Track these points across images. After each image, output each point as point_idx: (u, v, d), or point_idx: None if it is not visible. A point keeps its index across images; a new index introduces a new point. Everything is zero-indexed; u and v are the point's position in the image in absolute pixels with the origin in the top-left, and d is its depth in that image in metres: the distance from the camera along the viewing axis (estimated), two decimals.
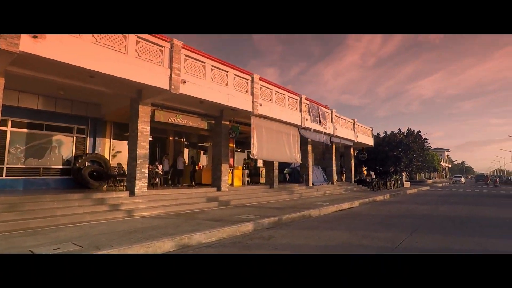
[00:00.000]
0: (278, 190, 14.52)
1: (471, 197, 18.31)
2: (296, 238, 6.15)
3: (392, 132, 29.25)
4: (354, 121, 20.41)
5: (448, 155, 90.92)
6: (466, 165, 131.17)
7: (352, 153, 23.80)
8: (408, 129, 29.20)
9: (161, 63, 8.46)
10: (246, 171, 15.34)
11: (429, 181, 42.33)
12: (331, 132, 17.30)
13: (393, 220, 8.60)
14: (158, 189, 10.50)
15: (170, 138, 15.29)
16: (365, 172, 29.50)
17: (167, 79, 8.55)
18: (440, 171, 64.76)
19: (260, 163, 17.55)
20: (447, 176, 75.61)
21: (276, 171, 14.91)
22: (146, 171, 9.52)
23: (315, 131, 15.94)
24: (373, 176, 23.63)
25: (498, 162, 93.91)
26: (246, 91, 11.61)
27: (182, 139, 15.92)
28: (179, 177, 13.57)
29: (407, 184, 29.17)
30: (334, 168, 20.60)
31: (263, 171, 16.12)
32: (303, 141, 17.58)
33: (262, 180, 16.35)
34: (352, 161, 23.71)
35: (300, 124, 14.47)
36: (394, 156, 26.51)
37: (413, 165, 27.61)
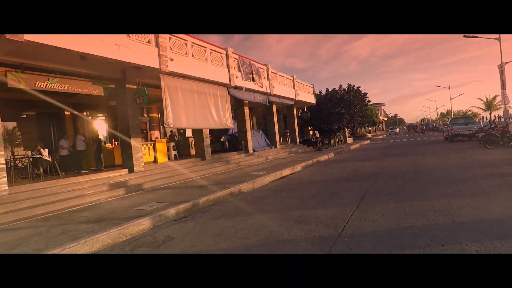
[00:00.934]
0: (211, 162, 12.47)
1: (408, 146, 18.46)
2: (203, 237, 4.20)
3: (334, 89, 28.62)
4: (293, 78, 18.73)
5: (384, 110, 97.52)
6: (398, 117, 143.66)
7: (295, 113, 22.52)
8: (349, 85, 28.81)
9: None
10: (172, 144, 12.87)
11: (370, 135, 44.23)
12: (268, 91, 15.40)
13: (336, 187, 7.19)
14: (32, 182, 7.64)
15: (67, 113, 11.92)
16: (311, 132, 28.98)
17: None
18: (378, 124, 68.95)
19: (189, 133, 15.15)
20: (384, 129, 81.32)
21: (207, 140, 12.74)
22: (1, 160, 6.59)
23: (249, 90, 13.86)
24: (318, 135, 22.88)
25: (424, 112, 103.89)
26: (149, 42, 8.82)
27: (85, 113, 12.63)
28: (81, 160, 10.67)
29: (350, 140, 29.44)
30: (277, 131, 19.10)
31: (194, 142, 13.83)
32: (239, 104, 15.49)
33: (193, 152, 14.10)
34: (296, 122, 22.51)
35: (228, 82, 12.18)
36: (337, 113, 26.03)
37: (355, 121, 27.63)
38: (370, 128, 53.63)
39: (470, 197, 4.93)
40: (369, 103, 29.71)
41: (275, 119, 19.08)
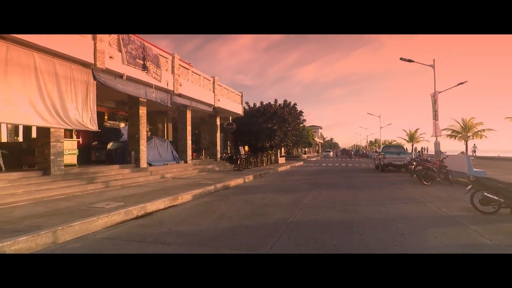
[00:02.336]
0: (60, 179, 8.05)
1: (339, 173, 16.33)
2: None
3: (269, 103, 26.09)
4: (214, 80, 15.25)
5: (321, 132, 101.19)
6: (334, 141, 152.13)
7: (218, 123, 19.03)
8: (285, 101, 26.62)
9: None
10: None
11: (304, 156, 43.15)
12: (172, 88, 11.57)
13: (208, 250, 3.62)
14: None
15: None
16: (246, 148, 25.83)
17: None
18: (314, 146, 69.90)
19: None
20: (320, 151, 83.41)
21: (57, 146, 8.27)
22: None
23: (136, 81, 9.85)
24: (243, 152, 19.65)
25: (356, 138, 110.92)
26: None
27: None
28: None
29: (282, 160, 26.99)
30: (189, 142, 15.25)
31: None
32: (133, 101, 11.37)
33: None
34: (218, 134, 18.98)
35: (93, 61, 8.03)
36: (268, 129, 23.33)
37: (288, 139, 25.31)
38: (306, 149, 53.21)
39: None
40: (305, 124, 27.92)
41: (188, 127, 15.26)
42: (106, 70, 8.44)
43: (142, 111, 11.89)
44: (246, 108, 25.55)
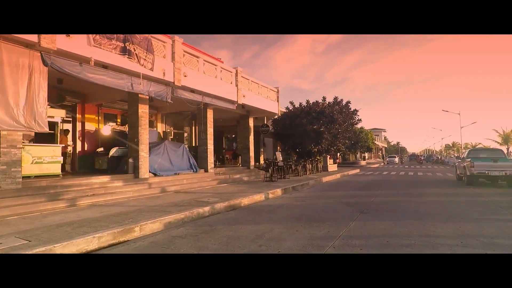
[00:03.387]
0: (11, 196, 6.23)
1: (403, 187, 12.16)
2: None
3: (316, 101, 22.52)
4: (236, 71, 12.60)
5: (385, 136, 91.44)
6: (401, 146, 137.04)
7: (251, 125, 16.42)
8: (335, 98, 22.80)
9: None
10: None
11: (363, 162, 37.83)
12: (170, 79, 9.25)
13: None
14: None
15: None
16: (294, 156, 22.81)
17: None
18: (376, 151, 62.64)
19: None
20: (384, 156, 74.93)
21: (14, 153, 6.53)
22: None
23: (114, 69, 7.71)
24: (280, 158, 16.58)
25: (428, 142, 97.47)
26: None
27: None
28: None
29: (333, 167, 23.07)
30: (210, 147, 12.90)
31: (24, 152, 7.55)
32: (133, 98, 9.48)
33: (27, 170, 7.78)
34: (251, 137, 16.35)
35: (37, 40, 6.00)
36: (314, 131, 19.82)
37: (339, 143, 21.35)
38: (365, 154, 47.24)
39: None
40: (362, 126, 23.49)
41: (209, 129, 12.94)
42: (60, 52, 6.42)
43: (142, 109, 9.88)
44: (290, 108, 22.48)
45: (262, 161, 24.49)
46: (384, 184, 13.60)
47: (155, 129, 12.52)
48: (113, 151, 10.74)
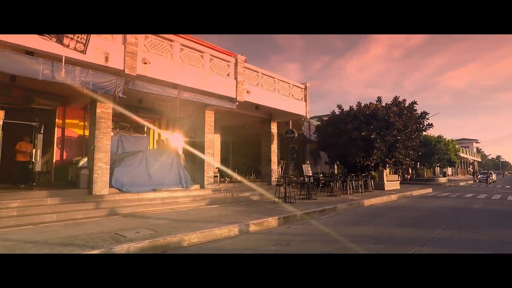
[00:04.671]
0: None
1: (490, 224, 7.52)
2: None
3: (370, 103, 18.15)
4: (236, 61, 9.82)
5: (477, 147, 75.99)
6: (502, 160, 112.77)
7: (273, 131, 13.45)
8: (395, 98, 18.08)
9: None
10: None
11: (443, 179, 30.37)
12: (119, 67, 7.00)
13: None
14: None
15: None
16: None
17: None
18: (464, 165, 51.57)
19: None
20: (476, 172, 61.71)
21: None
22: None
23: (17, 48, 5.78)
24: (309, 173, 13.03)
25: None
26: None
27: None
28: None
29: (393, 185, 18.08)
30: (209, 158, 10.40)
31: None
32: (93, 96, 7.69)
33: None
34: (274, 146, 13.35)
35: None
36: (362, 139, 15.62)
37: (398, 153, 16.51)
38: (448, 169, 38.56)
39: None
40: (430, 127, 17.97)
41: (208, 135, 10.50)
42: None
43: (102, 109, 7.96)
44: (337, 113, 18.63)
45: (274, 176, 21.16)
46: (457, 215, 8.94)
47: (144, 135, 10.63)
48: (83, 162, 9.06)
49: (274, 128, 13.46)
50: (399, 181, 19.39)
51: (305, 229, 6.67)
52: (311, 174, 12.96)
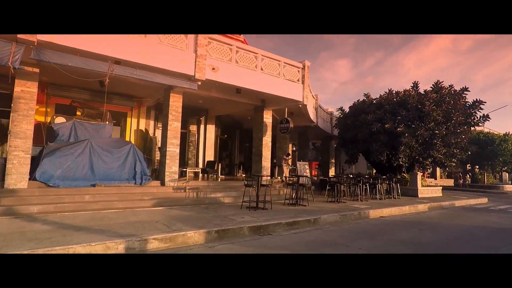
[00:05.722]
0: None
1: None
2: None
3: (403, 90, 14.76)
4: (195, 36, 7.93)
5: None
6: None
7: (268, 121, 11.35)
8: (435, 83, 14.44)
9: None
10: None
11: (509, 187, 24.66)
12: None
13: None
14: None
15: None
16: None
17: None
18: None
19: None
20: None
21: None
22: None
23: None
24: (304, 172, 10.55)
25: None
26: None
27: None
28: None
29: (431, 191, 14.49)
30: (173, 149, 8.74)
31: None
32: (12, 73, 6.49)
33: None
34: (266, 139, 11.24)
35: None
36: (384, 132, 12.54)
37: (436, 151, 12.95)
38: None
39: None
40: (487, 119, 13.88)
41: (174, 123, 8.87)
42: None
43: (22, 87, 6.73)
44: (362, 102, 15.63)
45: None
46: (498, 243, 5.91)
47: (107, 123, 9.32)
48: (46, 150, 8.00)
49: (268, 117, 11.25)
50: (441, 187, 15.58)
51: (228, 249, 4.53)
52: (307, 174, 10.50)
